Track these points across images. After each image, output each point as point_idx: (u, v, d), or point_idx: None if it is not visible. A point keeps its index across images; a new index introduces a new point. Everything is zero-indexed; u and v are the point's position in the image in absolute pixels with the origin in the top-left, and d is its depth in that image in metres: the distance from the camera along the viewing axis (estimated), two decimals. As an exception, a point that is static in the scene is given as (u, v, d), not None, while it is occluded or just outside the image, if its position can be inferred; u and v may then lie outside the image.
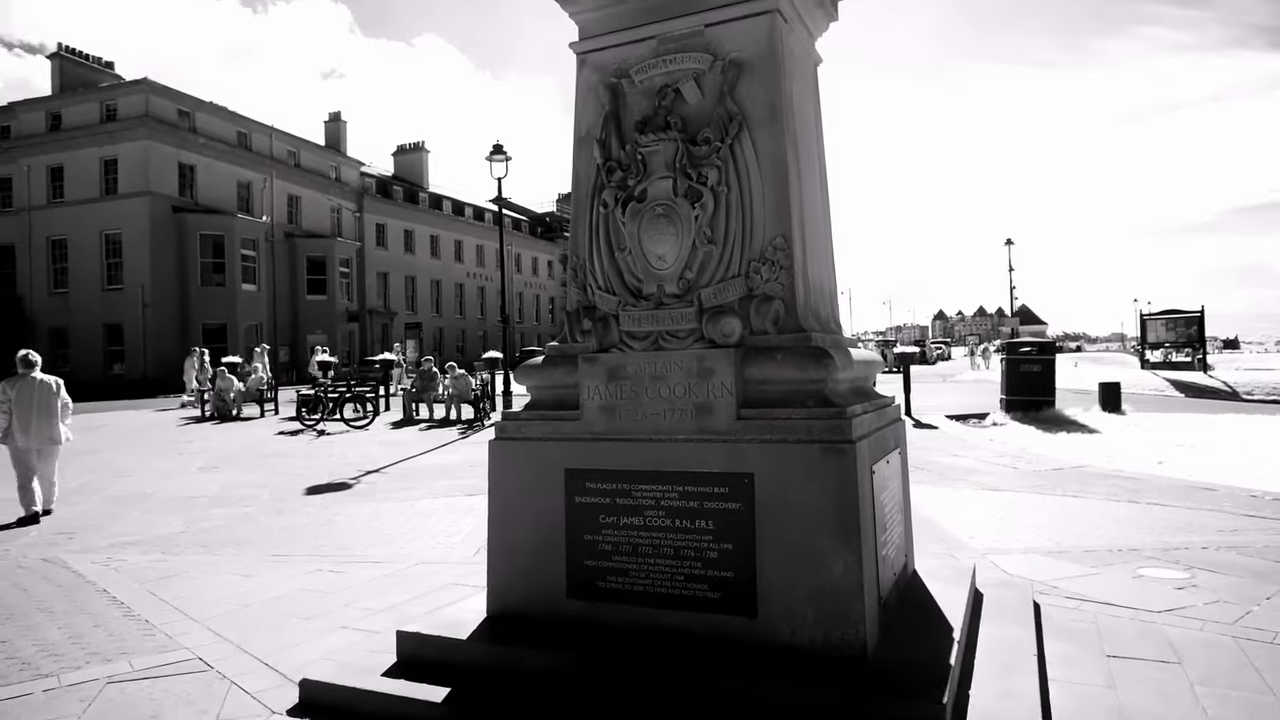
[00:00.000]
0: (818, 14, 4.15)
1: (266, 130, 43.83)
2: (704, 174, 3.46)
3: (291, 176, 45.00)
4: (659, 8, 3.69)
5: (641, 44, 3.73)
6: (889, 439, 3.80)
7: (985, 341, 72.93)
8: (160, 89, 37.96)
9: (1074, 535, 6.02)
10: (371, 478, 10.21)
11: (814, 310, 3.64)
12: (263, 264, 40.37)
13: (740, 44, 3.54)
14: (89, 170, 37.38)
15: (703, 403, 3.32)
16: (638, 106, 3.70)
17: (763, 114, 3.47)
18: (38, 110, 39.01)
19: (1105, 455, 10.41)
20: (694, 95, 3.58)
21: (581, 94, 3.89)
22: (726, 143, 3.45)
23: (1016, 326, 44.31)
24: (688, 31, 3.63)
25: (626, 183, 3.62)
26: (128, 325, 36.18)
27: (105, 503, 8.78)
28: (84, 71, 40.71)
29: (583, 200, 3.80)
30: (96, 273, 37.15)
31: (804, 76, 3.98)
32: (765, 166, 3.44)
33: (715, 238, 3.45)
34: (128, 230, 36.51)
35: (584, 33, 3.92)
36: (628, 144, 3.65)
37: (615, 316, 3.61)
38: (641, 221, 3.56)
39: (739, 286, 3.41)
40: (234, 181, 41.08)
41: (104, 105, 37.86)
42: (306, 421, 16.99)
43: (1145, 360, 34.41)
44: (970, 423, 14.89)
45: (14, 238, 38.89)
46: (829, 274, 4.10)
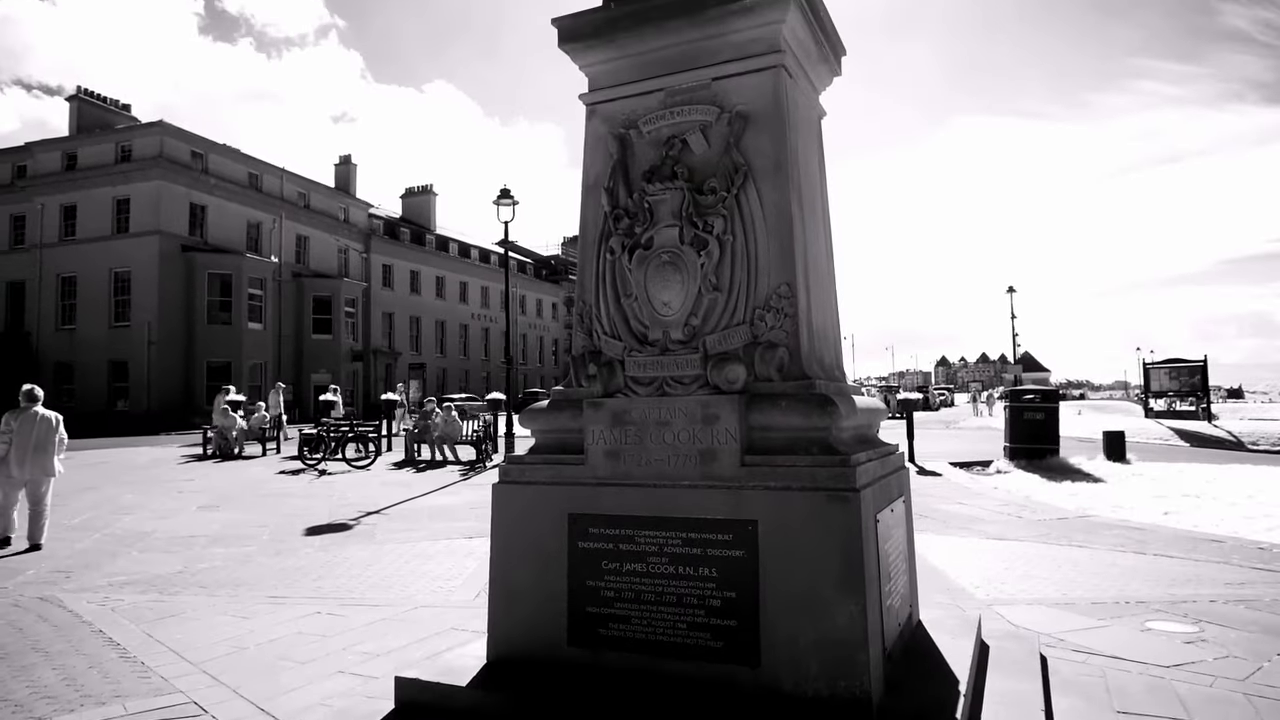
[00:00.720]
0: (821, 69, 4.25)
1: (277, 172, 44.50)
2: (710, 223, 3.52)
3: (301, 217, 45.54)
4: (667, 61, 3.79)
5: (649, 96, 3.81)
6: (893, 487, 3.80)
7: (988, 388, 72.80)
8: (175, 131, 38.65)
9: (1080, 586, 5.96)
10: (372, 519, 10.16)
11: (818, 357, 3.66)
12: (269, 303, 40.65)
13: (746, 97, 3.62)
14: (101, 209, 37.90)
15: (707, 449, 3.33)
16: (645, 156, 3.77)
17: (768, 165, 3.54)
18: (54, 150, 39.70)
19: (1111, 505, 10.34)
20: (700, 146, 3.65)
21: (590, 143, 3.97)
22: (732, 193, 3.52)
23: (1019, 373, 44.29)
24: (695, 85, 3.72)
25: (633, 230, 3.68)
26: (133, 362, 36.32)
27: (104, 540, 8.73)
28: (101, 113, 41.52)
29: (590, 247, 3.85)
30: (104, 309, 37.42)
31: (808, 129, 4.07)
32: (770, 216, 3.49)
33: (720, 285, 3.50)
34: (137, 268, 36.87)
35: (593, 84, 4.02)
36: (635, 193, 3.72)
37: (620, 362, 3.64)
38: (648, 268, 3.60)
39: (744, 333, 3.44)
40: (244, 222, 41.58)
41: (119, 146, 38.52)
42: (308, 461, 16.94)
43: (1149, 409, 34.30)
44: (974, 470, 14.81)
45: (25, 274, 39.28)
46: (833, 321, 4.13)
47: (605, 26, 3.86)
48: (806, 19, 3.79)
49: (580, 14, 3.93)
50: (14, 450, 8.23)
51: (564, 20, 3.96)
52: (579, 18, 3.93)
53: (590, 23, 3.90)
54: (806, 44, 3.93)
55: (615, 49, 3.88)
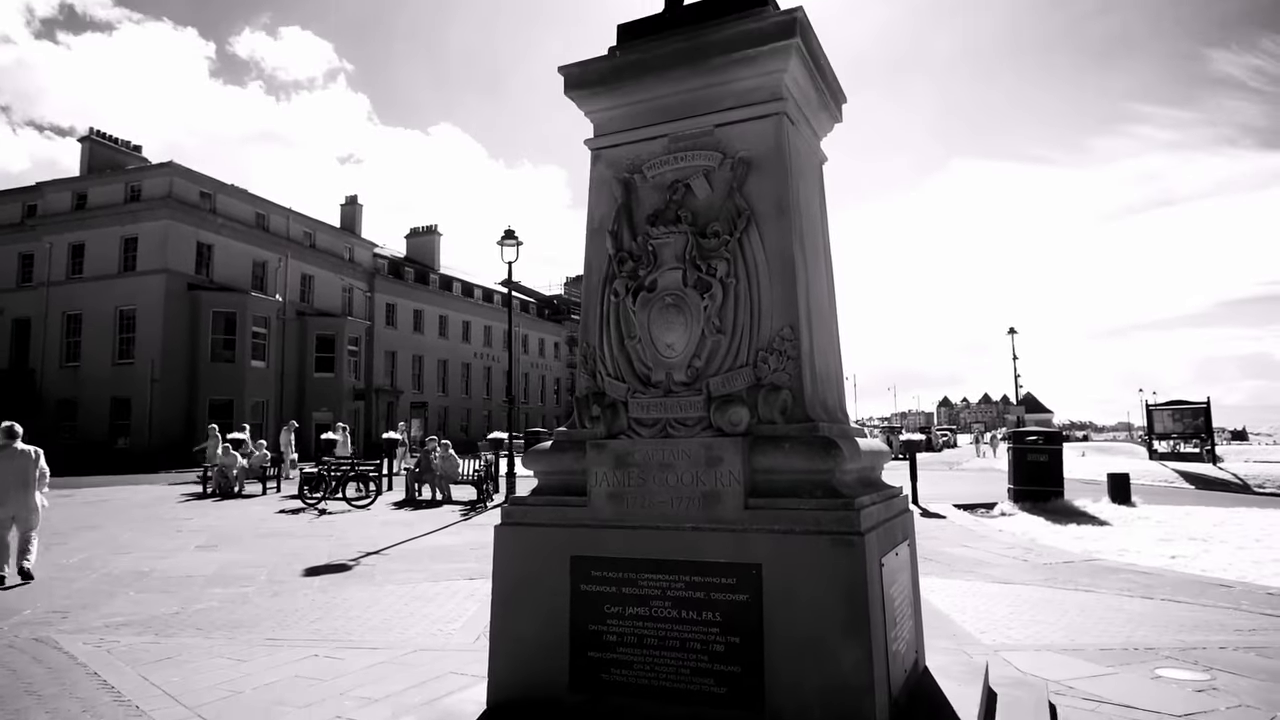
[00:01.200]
0: (822, 116, 4.33)
1: (284, 212, 45.00)
2: (713, 266, 3.56)
3: (306, 257, 45.93)
4: (671, 108, 3.87)
5: (654, 141, 3.88)
6: (898, 531, 3.78)
7: (991, 429, 72.56)
8: (184, 171, 39.19)
9: (1088, 632, 5.88)
10: (371, 559, 10.07)
11: (821, 399, 3.67)
12: (273, 341, 40.80)
13: (749, 143, 3.68)
14: (109, 248, 38.26)
15: (710, 491, 3.32)
16: (649, 200, 3.83)
17: (770, 209, 3.59)
18: (64, 190, 40.22)
19: (1117, 548, 10.24)
20: (704, 190, 3.71)
21: (595, 187, 4.03)
22: (735, 236, 3.56)
23: (1022, 415, 44.14)
24: (698, 131, 3.79)
25: (637, 273, 3.71)
26: (135, 399, 36.35)
27: (101, 580, 8.66)
28: (112, 154, 42.14)
29: (594, 289, 3.89)
30: (109, 347, 37.57)
31: (810, 174, 4.13)
32: (773, 260, 3.53)
33: (724, 327, 3.52)
34: (142, 306, 37.10)
35: (598, 130, 4.09)
36: (639, 236, 3.77)
37: (624, 403, 3.65)
38: (651, 311, 3.63)
39: (747, 376, 3.46)
40: (250, 261, 41.93)
41: (129, 186, 39.03)
42: (308, 500, 16.86)
43: (1153, 451, 34.12)
44: (978, 512, 14.70)
45: (32, 311, 39.52)
46: (836, 364, 4.15)
47: (610, 75, 3.95)
48: (808, 68, 3.87)
49: (586, 62, 4.02)
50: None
51: (570, 68, 4.05)
52: (585, 66, 4.02)
53: (596, 71, 3.98)
54: (808, 92, 4.01)
55: (620, 96, 3.96)
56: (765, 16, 3.70)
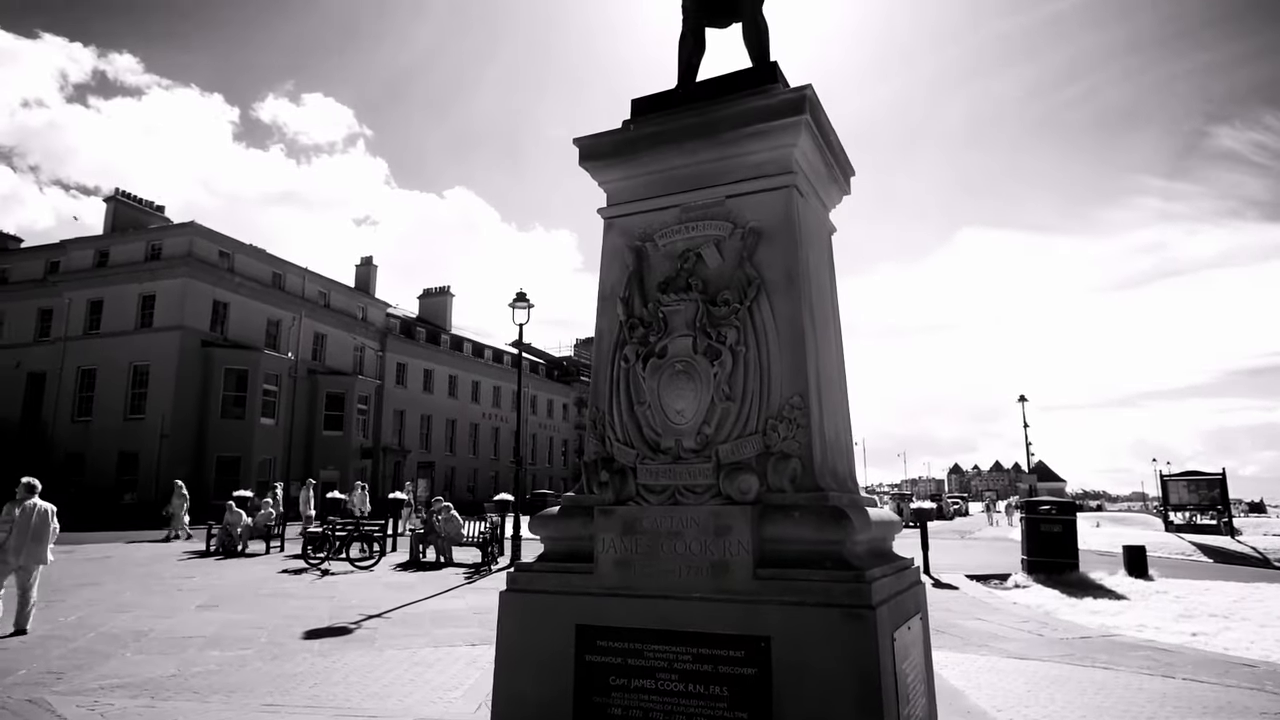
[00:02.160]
0: (831, 188, 4.42)
1: (300, 272, 45.70)
2: (723, 333, 3.59)
3: (320, 316, 46.46)
4: (683, 179, 3.96)
5: (666, 211, 3.97)
6: (909, 604, 3.71)
7: (1003, 497, 71.60)
8: (204, 231, 39.99)
9: (1108, 712, 5.70)
10: (373, 622, 9.91)
11: (831, 468, 3.65)
12: (283, 399, 40.97)
13: (759, 214, 3.76)
14: (127, 305, 38.82)
15: (719, 560, 3.28)
16: (660, 268, 3.89)
17: (780, 279, 3.64)
18: (87, 248, 41.04)
19: (1135, 624, 9.98)
20: (714, 259, 3.77)
21: (607, 255, 4.10)
22: (745, 305, 3.60)
23: (1034, 483, 43.60)
24: (710, 202, 3.87)
25: (648, 339, 3.75)
26: (144, 454, 36.36)
27: (99, 639, 8.54)
28: (136, 214, 43.11)
29: (605, 354, 3.92)
30: (120, 402, 37.78)
31: (819, 244, 4.19)
32: (782, 328, 3.56)
33: (733, 395, 3.53)
34: (156, 362, 37.43)
35: (612, 199, 4.18)
36: (650, 303, 3.82)
37: (633, 469, 3.64)
38: (662, 377, 3.66)
39: (756, 443, 3.45)
40: (264, 319, 42.42)
41: (150, 244, 39.80)
42: (311, 560, 16.68)
43: (1169, 523, 33.51)
44: (992, 583, 14.39)
45: (47, 366, 39.91)
46: (845, 432, 4.14)
47: (624, 147, 4.06)
48: (817, 143, 3.97)
49: (600, 135, 4.14)
50: (13, 538, 8.76)
51: (585, 140, 4.17)
52: (599, 138, 4.14)
53: (610, 143, 4.10)
54: (817, 165, 4.11)
55: (633, 167, 4.07)
56: (776, 94, 3.82)
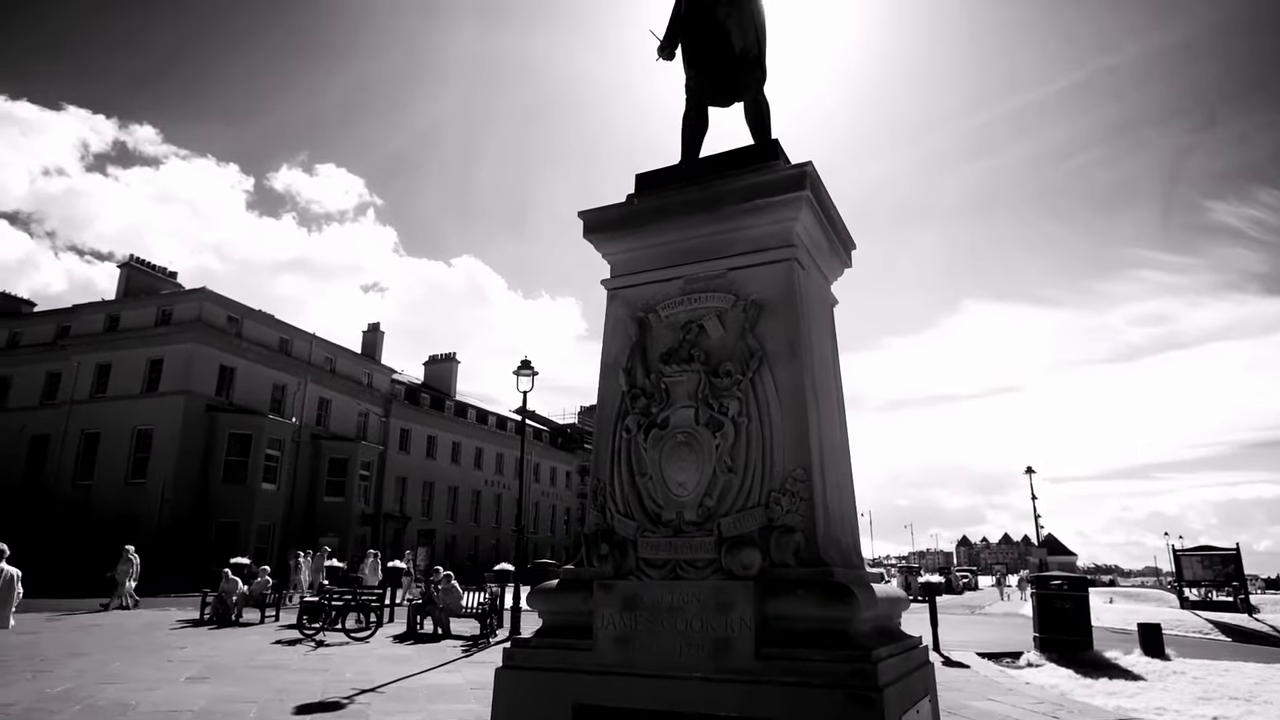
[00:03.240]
0: (833, 261, 4.48)
1: (307, 337, 46.06)
2: (725, 405, 3.58)
3: (325, 381, 46.62)
4: (686, 252, 4.02)
5: (669, 283, 4.01)
6: (918, 685, 3.60)
7: (1013, 571, 70.23)
8: (215, 297, 40.49)
9: (1128, 803, 5.45)
10: (366, 698, 9.63)
11: (835, 542, 3.60)
12: (285, 464, 40.77)
13: (761, 286, 3.80)
14: (135, 369, 39.04)
15: (721, 638, 3.20)
16: (663, 339, 3.91)
17: (782, 351, 3.65)
18: (98, 313, 41.53)
19: (1153, 707, 9.64)
20: (717, 331, 3.79)
21: (610, 325, 4.13)
22: (748, 376, 3.61)
23: (1044, 557, 42.81)
24: (712, 274, 3.92)
25: (650, 410, 3.74)
26: (144, 518, 36.03)
27: (84, 713, 8.30)
28: (148, 279, 43.75)
29: (606, 424, 3.91)
30: (122, 466, 37.63)
31: (821, 316, 4.22)
32: (785, 400, 3.56)
33: (735, 467, 3.51)
34: (160, 426, 37.41)
35: (615, 271, 4.24)
36: (652, 373, 3.82)
37: (633, 542, 3.59)
38: (663, 448, 3.64)
39: (759, 516, 3.41)
40: (270, 384, 42.57)
41: (160, 310, 40.27)
42: (306, 630, 16.33)
43: (1184, 599, 32.72)
44: (1004, 662, 13.98)
45: (51, 429, 39.91)
46: (850, 506, 4.09)
47: (628, 220, 4.13)
48: (818, 217, 4.04)
49: (605, 209, 4.22)
50: None
51: (589, 214, 4.25)
52: (603, 212, 4.21)
53: (614, 217, 4.17)
54: (818, 239, 4.17)
55: (637, 240, 4.13)
56: (777, 169, 3.91)
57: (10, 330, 44.20)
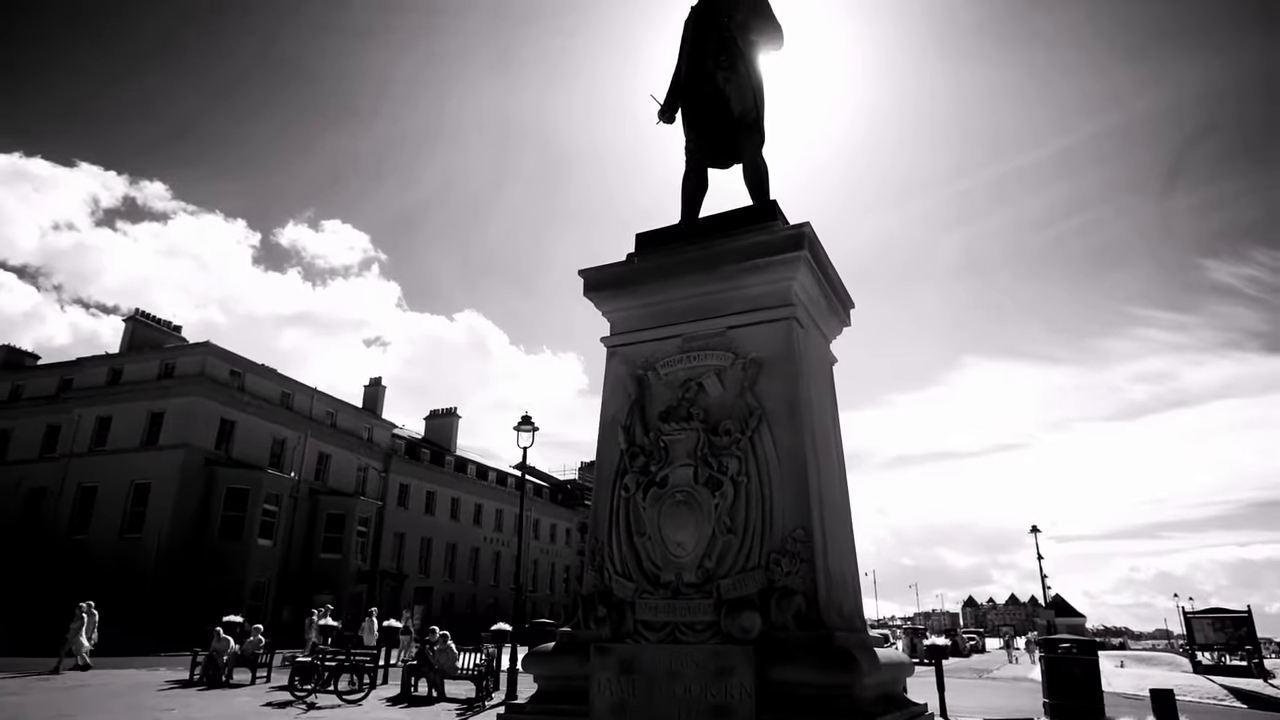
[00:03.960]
0: (831, 320, 4.51)
1: (308, 391, 46.06)
2: (724, 464, 3.56)
3: (326, 435, 46.44)
4: (685, 310, 4.04)
5: (668, 341, 4.03)
6: (923, 755, 3.50)
7: (1020, 632, 68.79)
8: (218, 351, 40.62)
9: None
10: (358, 764, 9.35)
11: (836, 605, 3.54)
12: (283, 519, 40.35)
13: (760, 345, 3.81)
14: (135, 422, 38.94)
15: (720, 704, 3.13)
16: (662, 397, 3.91)
17: (781, 409, 3.64)
18: (101, 366, 41.63)
19: (1169, 778, 9.33)
20: (716, 389, 3.79)
21: (609, 383, 4.13)
22: (747, 435, 3.59)
23: (1052, 618, 41.98)
24: (711, 332, 3.94)
25: (649, 468, 3.72)
26: (137, 573, 35.49)
27: (67, 780, 8.05)
28: (153, 333, 43.99)
29: (605, 483, 3.89)
30: (118, 520, 37.25)
31: (820, 374, 4.23)
32: (784, 459, 3.54)
33: (735, 527, 3.47)
34: (158, 480, 37.13)
35: (615, 329, 4.26)
36: (651, 431, 3.81)
37: (631, 604, 3.53)
38: (662, 507, 3.61)
39: (759, 578, 3.36)
40: (270, 438, 42.40)
41: (163, 363, 40.37)
42: (297, 692, 15.93)
43: (1197, 663, 31.95)
44: (1014, 729, 13.58)
45: (49, 482, 39.63)
46: (851, 568, 4.04)
47: (628, 279, 4.17)
48: (816, 276, 4.07)
49: (604, 267, 4.27)
50: None
51: (590, 272, 4.29)
52: (603, 271, 4.26)
53: (614, 275, 4.22)
54: (816, 298, 4.20)
55: (636, 299, 4.17)
56: (775, 230, 3.96)
57: (13, 383, 44.26)
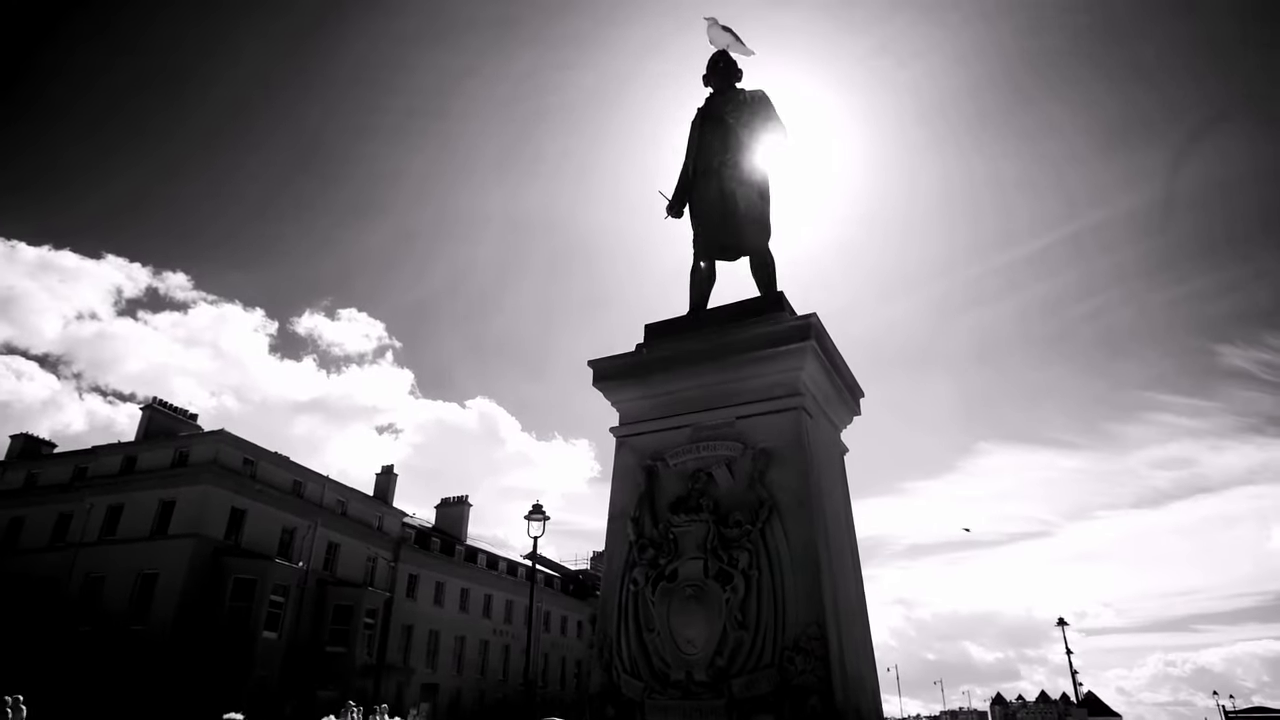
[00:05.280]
0: (841, 409, 4.49)
1: (320, 480, 45.84)
2: (735, 556, 3.50)
3: (336, 524, 45.96)
4: (694, 401, 4.05)
5: (677, 431, 4.02)
6: None
7: (1056, 734, 65.58)
8: (232, 439, 40.69)
9: None
10: None
11: (854, 706, 3.41)
12: (289, 611, 39.54)
13: (769, 435, 3.80)
14: (146, 511, 38.73)
15: (733, 814, 2.98)
16: (671, 488, 3.88)
17: (792, 501, 3.60)
18: (116, 455, 41.74)
19: None
20: (725, 480, 3.76)
21: (619, 473, 4.11)
22: (757, 526, 3.54)
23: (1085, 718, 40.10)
24: (720, 423, 3.93)
25: (658, 561, 3.66)
26: (140, 666, 34.65)
27: None
28: (169, 421, 44.25)
29: (614, 576, 3.82)
30: (124, 611, 36.64)
31: (831, 464, 4.19)
32: (796, 552, 3.48)
33: (747, 623, 3.38)
34: (165, 570, 36.63)
35: (624, 419, 4.26)
36: (660, 523, 3.77)
37: (640, 704, 3.41)
38: (671, 602, 3.53)
39: (772, 677, 3.25)
40: (279, 527, 41.97)
41: (177, 451, 40.44)
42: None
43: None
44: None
45: (58, 573, 39.22)
46: (868, 665, 3.90)
47: (637, 369, 4.20)
48: (824, 366, 4.09)
49: (613, 358, 4.30)
50: None
51: (599, 363, 4.32)
52: (612, 361, 4.29)
53: (623, 366, 4.25)
54: (825, 388, 4.20)
55: (645, 389, 4.18)
56: (782, 320, 4.00)
57: (29, 471, 44.36)
